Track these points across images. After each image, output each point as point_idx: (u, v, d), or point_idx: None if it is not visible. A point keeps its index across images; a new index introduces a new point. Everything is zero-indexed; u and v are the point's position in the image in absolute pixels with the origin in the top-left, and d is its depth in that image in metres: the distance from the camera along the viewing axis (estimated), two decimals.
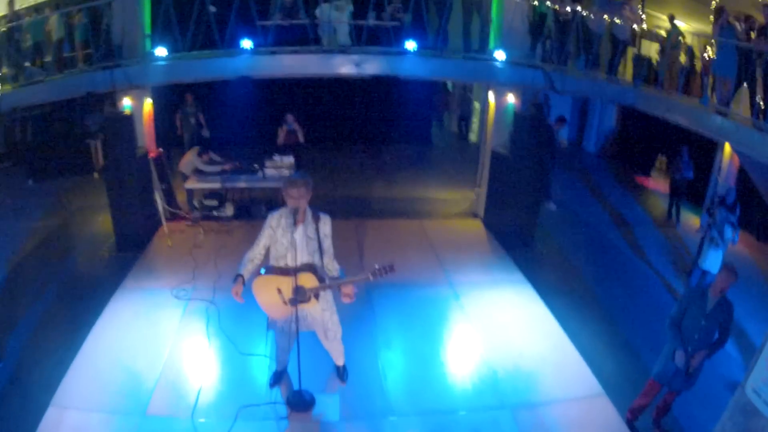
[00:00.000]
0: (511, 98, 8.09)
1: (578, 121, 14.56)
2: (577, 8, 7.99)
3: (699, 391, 4.44)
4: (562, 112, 13.05)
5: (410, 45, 7.59)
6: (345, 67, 7.51)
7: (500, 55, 7.78)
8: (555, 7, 8.17)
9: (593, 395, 4.72)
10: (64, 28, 7.92)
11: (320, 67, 7.60)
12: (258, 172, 8.47)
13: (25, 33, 7.80)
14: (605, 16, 8.10)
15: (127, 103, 7.51)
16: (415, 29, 7.85)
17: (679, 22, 8.72)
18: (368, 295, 5.95)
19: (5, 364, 5.02)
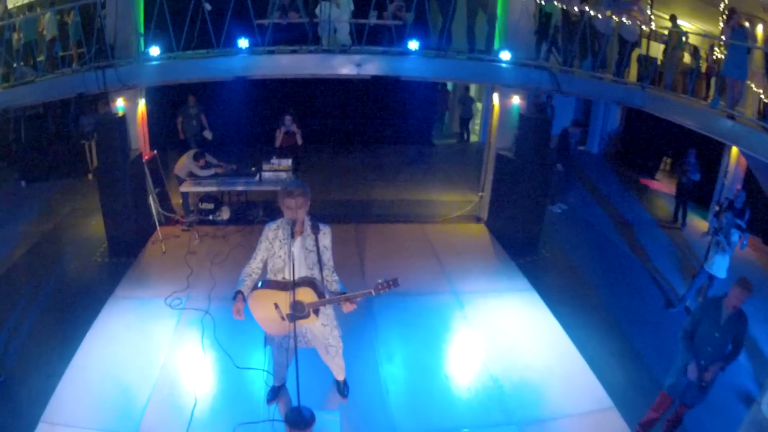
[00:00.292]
0: (517, 100, 7.94)
1: (581, 123, 14.39)
2: (585, 8, 7.81)
3: (709, 402, 4.34)
4: (565, 113, 12.94)
5: (413, 45, 7.43)
6: (345, 67, 7.36)
7: (505, 55, 7.64)
8: (563, 8, 8.01)
9: (603, 409, 4.65)
10: (57, 27, 7.75)
11: (319, 68, 7.44)
12: (255, 175, 8.28)
13: (17, 32, 7.63)
14: (614, 17, 7.91)
15: (120, 104, 7.34)
16: (417, 28, 7.68)
17: (685, 23, 8.58)
18: (369, 305, 5.79)
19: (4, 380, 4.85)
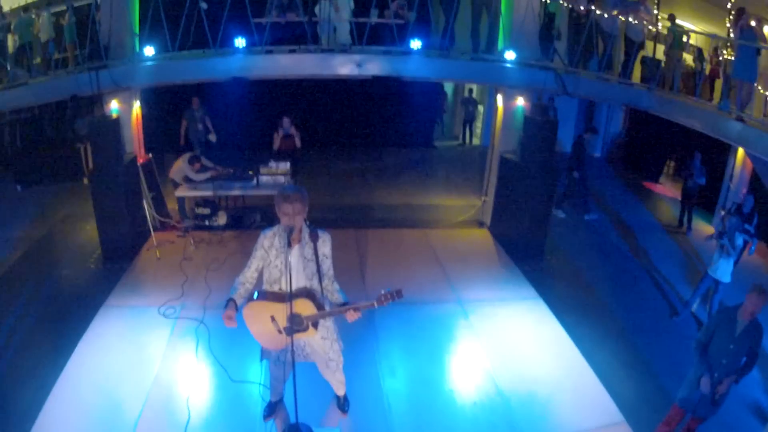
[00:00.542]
0: (521, 101, 7.78)
1: (584, 125, 14.20)
2: (591, 7, 7.65)
3: (721, 415, 4.24)
4: (568, 115, 12.76)
5: (415, 44, 7.28)
6: (345, 67, 7.20)
7: (510, 55, 7.47)
8: (571, 7, 7.85)
9: (613, 423, 4.50)
10: (52, 29, 7.60)
11: (319, 68, 7.29)
12: (252, 179, 8.10)
13: (11, 34, 7.49)
14: (620, 17, 7.75)
15: (114, 106, 7.17)
16: (420, 28, 7.55)
17: (689, 24, 8.44)
18: (371, 315, 5.57)
19: None
